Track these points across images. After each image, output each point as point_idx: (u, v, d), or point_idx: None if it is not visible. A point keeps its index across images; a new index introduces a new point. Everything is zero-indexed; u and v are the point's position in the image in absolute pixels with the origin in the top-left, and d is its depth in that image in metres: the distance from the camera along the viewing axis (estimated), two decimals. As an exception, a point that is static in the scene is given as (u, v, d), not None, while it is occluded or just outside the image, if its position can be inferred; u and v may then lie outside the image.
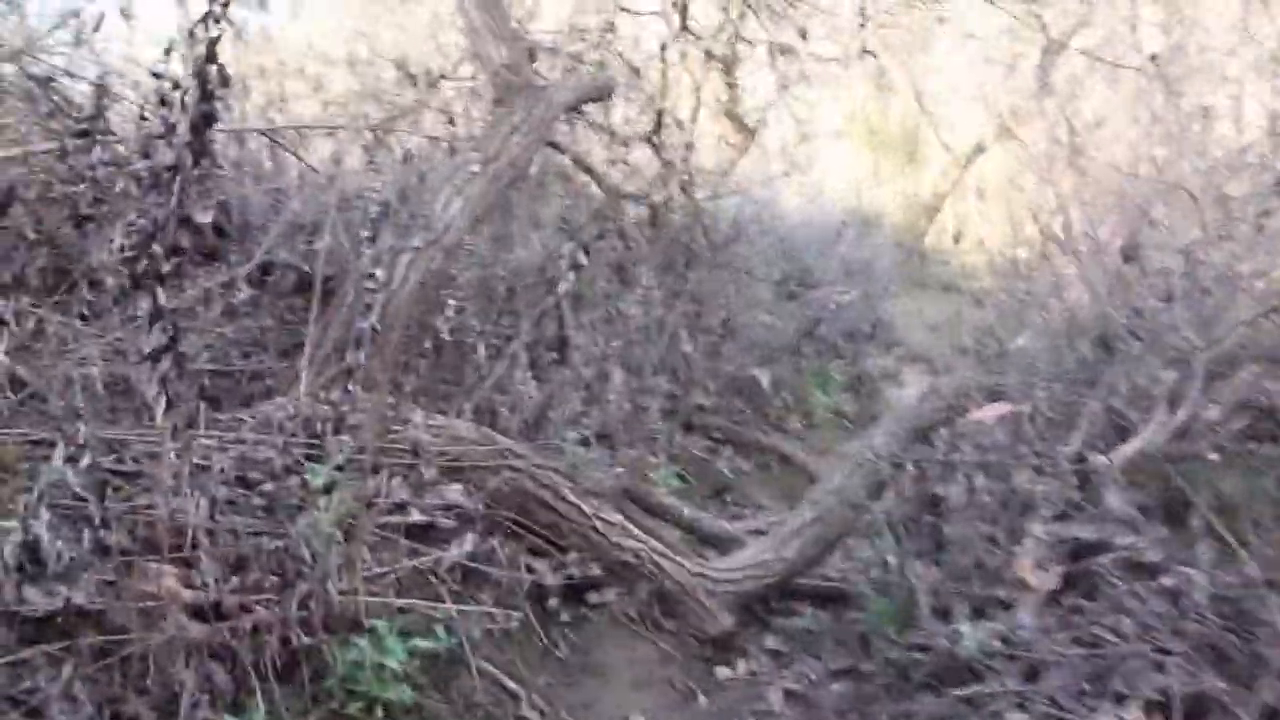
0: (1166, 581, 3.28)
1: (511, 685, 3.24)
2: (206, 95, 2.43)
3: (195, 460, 2.19)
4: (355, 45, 8.33)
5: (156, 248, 2.00)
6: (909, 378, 9.39)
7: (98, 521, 2.00)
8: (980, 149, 16.06)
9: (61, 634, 2.21)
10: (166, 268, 2.17)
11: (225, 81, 2.50)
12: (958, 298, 12.79)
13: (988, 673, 3.26)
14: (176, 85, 2.52)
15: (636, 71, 7.59)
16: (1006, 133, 14.62)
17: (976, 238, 17.23)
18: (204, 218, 2.37)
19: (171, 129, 2.45)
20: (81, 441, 1.88)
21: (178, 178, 2.29)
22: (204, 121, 2.42)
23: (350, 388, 2.84)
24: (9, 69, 4.45)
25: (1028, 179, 8.31)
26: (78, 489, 2.02)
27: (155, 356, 1.93)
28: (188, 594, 2.40)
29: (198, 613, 2.40)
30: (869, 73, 10.85)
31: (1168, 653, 3.08)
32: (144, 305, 1.90)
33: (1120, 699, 3.04)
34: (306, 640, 2.54)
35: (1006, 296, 7.65)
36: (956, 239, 18.07)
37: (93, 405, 3.00)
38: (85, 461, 1.90)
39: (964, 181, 16.76)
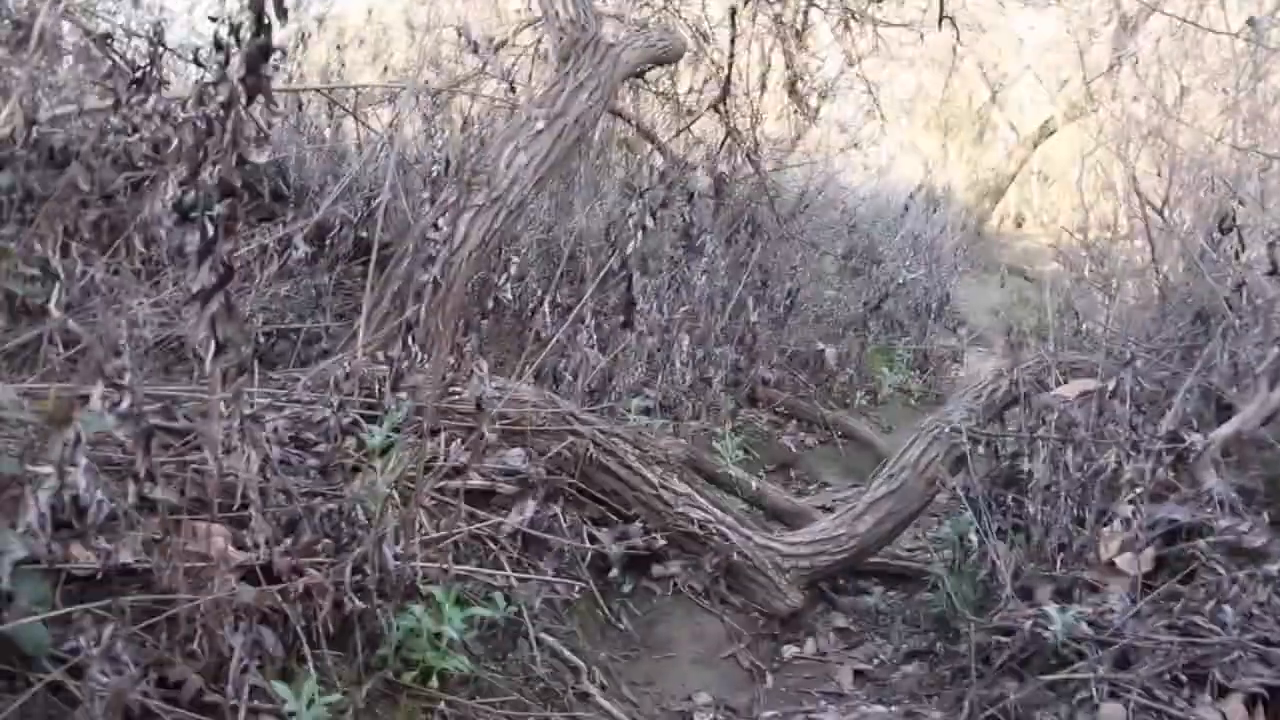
0: (1271, 569, 3.07)
1: (571, 658, 3.10)
2: (263, 28, 2.29)
3: (246, 412, 2.07)
4: (415, 12, 8.24)
5: (206, 177, 1.87)
6: (976, 356, 9.18)
7: (142, 474, 1.88)
8: (1049, 130, 15.73)
9: (107, 592, 2.11)
10: (218, 207, 2.05)
11: (283, 13, 2.36)
12: (1019, 280, 12.58)
13: (1076, 658, 3.07)
14: (234, 28, 2.39)
15: (705, 37, 7.42)
16: (1077, 112, 14.29)
17: (1039, 220, 17.01)
18: (259, 158, 2.23)
19: (225, 64, 2.32)
20: (123, 385, 1.76)
21: (231, 113, 2.16)
22: (260, 55, 2.28)
23: (409, 344, 2.71)
24: (66, 26, 4.39)
25: (1103, 155, 8.05)
26: (121, 439, 1.91)
27: (204, 297, 1.80)
28: (238, 554, 2.28)
29: (248, 574, 2.29)
30: (939, 47, 10.55)
31: (1273, 644, 2.87)
32: (192, 241, 1.77)
33: (1221, 692, 2.85)
34: (360, 605, 2.42)
35: (1083, 273, 7.42)
36: (1019, 222, 17.87)
37: (143, 360, 2.91)
38: (125, 405, 1.77)
39: (1029, 163, 16.50)
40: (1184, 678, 2.90)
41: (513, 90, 6.49)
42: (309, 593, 2.32)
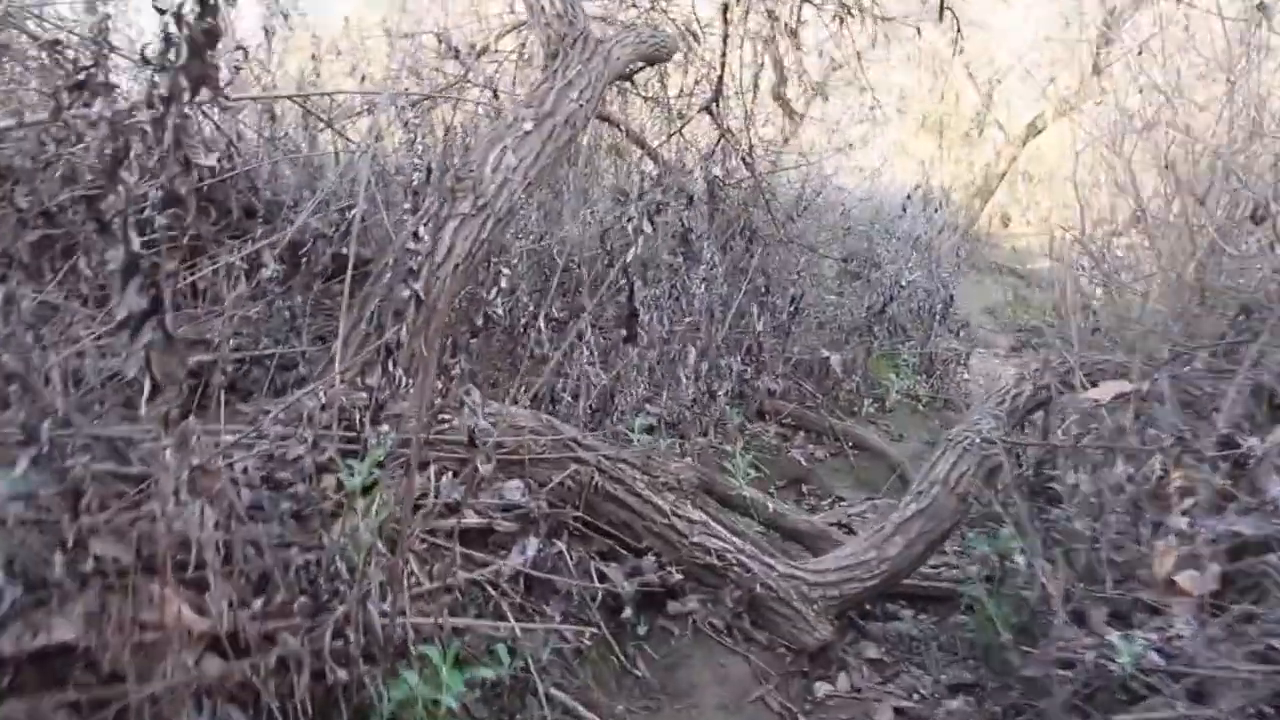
0: (1355, 588, 2.78)
1: (586, 714, 2.79)
2: (207, 9, 1.97)
3: (196, 459, 1.74)
4: (395, 19, 8.00)
5: (126, 175, 1.55)
6: (979, 358, 8.94)
7: (70, 541, 1.56)
8: (1038, 129, 15.63)
9: (47, 680, 1.78)
10: (160, 218, 1.73)
11: (230, -5, 2.04)
12: (1014, 278, 12.34)
13: (1147, 692, 2.76)
14: (178, 16, 2.07)
15: (695, 37, 7.13)
16: (1068, 108, 14.16)
17: (1025, 219, 16.91)
18: (208, 160, 1.91)
19: (166, 52, 1.99)
20: (41, 438, 1.44)
21: (172, 107, 1.85)
22: (206, 40, 1.96)
23: (390, 369, 2.38)
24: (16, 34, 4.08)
25: (1099, 150, 7.82)
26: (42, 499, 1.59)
27: (134, 325, 1.48)
28: (198, 622, 1.95)
29: (211, 646, 1.96)
30: (932, 45, 10.35)
31: (1364, 671, 2.58)
32: (114, 256, 1.45)
33: (1311, 724, 2.55)
34: (344, 675, 2.09)
35: (1083, 270, 7.18)
36: (1005, 221, 17.80)
37: (94, 397, 2.59)
38: (23, 465, 1.45)
39: (1017, 163, 16.43)
40: (1270, 710, 2.61)
41: (496, 97, 6.22)
42: (283, 664, 1.99)
